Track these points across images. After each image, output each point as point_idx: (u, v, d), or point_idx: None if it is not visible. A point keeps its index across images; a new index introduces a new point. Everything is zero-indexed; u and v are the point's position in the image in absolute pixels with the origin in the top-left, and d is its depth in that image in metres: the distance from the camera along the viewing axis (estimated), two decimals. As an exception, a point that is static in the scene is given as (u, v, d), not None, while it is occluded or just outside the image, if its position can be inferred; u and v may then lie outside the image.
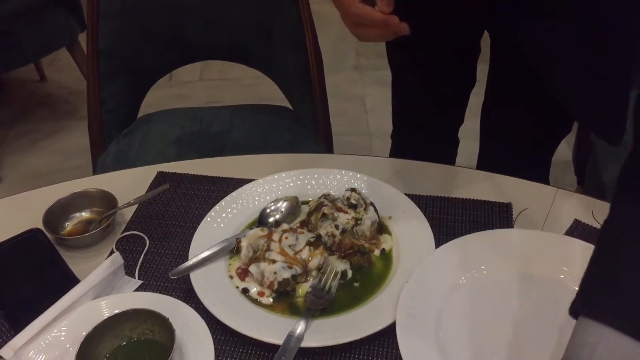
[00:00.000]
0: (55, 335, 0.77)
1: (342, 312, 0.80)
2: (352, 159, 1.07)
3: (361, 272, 0.86)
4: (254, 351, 0.77)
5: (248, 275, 0.85)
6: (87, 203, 0.97)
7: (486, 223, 0.93)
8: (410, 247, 0.87)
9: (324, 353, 0.77)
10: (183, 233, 0.94)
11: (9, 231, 0.93)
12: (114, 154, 1.43)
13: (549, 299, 0.79)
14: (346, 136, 2.29)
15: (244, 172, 1.05)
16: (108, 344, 0.75)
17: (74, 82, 2.75)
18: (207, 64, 2.83)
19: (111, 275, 0.84)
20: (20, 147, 2.47)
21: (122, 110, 1.53)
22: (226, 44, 1.53)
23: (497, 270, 0.82)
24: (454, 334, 0.75)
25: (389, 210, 0.93)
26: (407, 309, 0.77)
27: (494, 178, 1.02)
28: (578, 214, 0.93)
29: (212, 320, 0.79)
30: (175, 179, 1.04)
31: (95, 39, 1.41)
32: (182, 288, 0.85)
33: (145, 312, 0.76)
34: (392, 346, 0.77)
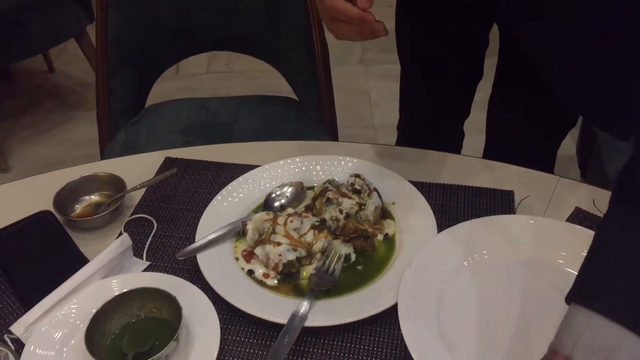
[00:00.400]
0: (65, 313, 0.79)
1: (345, 294, 0.82)
2: (357, 147, 1.09)
3: (364, 255, 0.87)
4: (258, 330, 0.79)
5: (253, 258, 0.87)
6: (96, 186, 0.99)
7: (488, 210, 0.94)
8: (413, 232, 0.89)
9: (327, 333, 0.78)
10: (190, 216, 0.96)
11: (20, 213, 0.95)
12: (121, 142, 1.45)
13: (548, 283, 0.80)
14: (351, 129, 2.30)
15: (250, 158, 1.06)
16: (117, 321, 0.77)
17: (82, 73, 2.77)
18: (213, 56, 2.85)
19: (120, 255, 0.86)
20: (29, 137, 2.50)
21: (130, 100, 1.55)
22: (233, 35, 1.55)
23: (498, 255, 0.84)
24: (454, 316, 0.77)
25: (393, 196, 0.95)
26: (409, 291, 0.78)
27: (497, 166, 1.03)
28: (579, 202, 0.95)
29: (218, 300, 0.81)
30: (183, 164, 1.06)
31: (104, 28, 1.42)
32: (189, 269, 0.87)
33: (153, 291, 0.77)
34: (393, 327, 0.79)
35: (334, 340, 0.78)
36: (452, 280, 0.81)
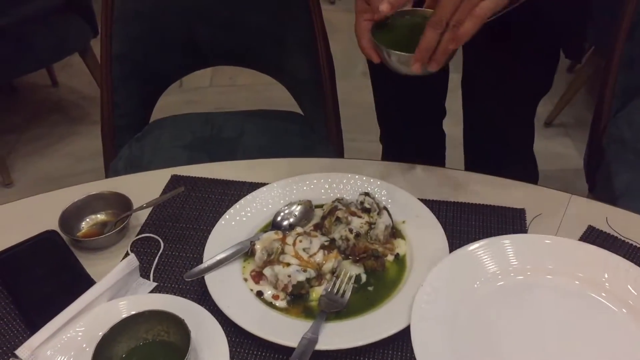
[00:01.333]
0: (71, 336, 0.77)
1: (356, 316, 0.80)
2: (364, 164, 1.07)
3: (375, 276, 0.86)
4: (268, 353, 0.78)
5: (262, 278, 0.86)
6: (102, 205, 0.98)
7: (499, 229, 0.93)
8: (424, 251, 0.88)
9: (338, 356, 0.77)
10: (197, 236, 0.94)
11: (25, 233, 0.93)
12: (126, 158, 1.44)
13: (564, 305, 0.79)
14: (356, 142, 2.29)
15: (257, 176, 1.05)
16: (124, 344, 0.75)
17: (85, 88, 2.77)
18: (217, 70, 2.84)
19: (126, 276, 0.85)
20: (32, 151, 2.49)
21: (135, 115, 1.55)
22: (238, 49, 1.54)
23: (511, 276, 0.82)
24: (468, 338, 0.75)
25: (403, 215, 0.94)
26: (422, 312, 0.77)
27: (507, 184, 1.02)
28: (592, 221, 0.93)
29: (227, 322, 0.79)
30: (189, 182, 1.05)
31: (109, 42, 1.42)
32: (197, 290, 0.86)
33: (161, 314, 0.76)
34: (406, 350, 0.77)
35: (345, 363, 0.76)
36: (465, 301, 0.79)
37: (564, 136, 2.42)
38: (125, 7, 1.42)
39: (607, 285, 0.80)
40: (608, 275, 0.80)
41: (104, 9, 1.39)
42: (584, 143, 1.92)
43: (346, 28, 2.69)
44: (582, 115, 2.50)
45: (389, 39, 0.84)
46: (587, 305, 0.78)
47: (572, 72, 2.63)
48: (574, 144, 2.38)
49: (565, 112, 2.46)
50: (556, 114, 2.45)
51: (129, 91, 1.49)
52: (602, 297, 0.79)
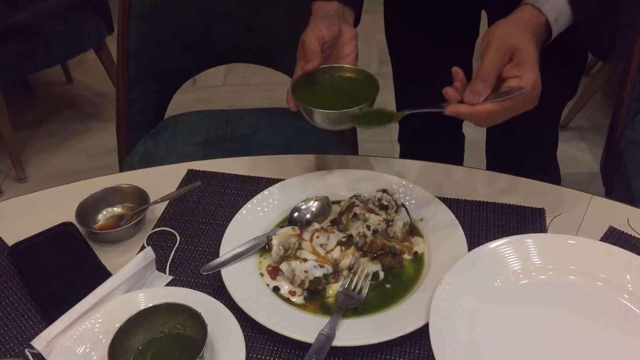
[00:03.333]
0: (88, 327, 0.77)
1: (374, 313, 0.79)
2: (380, 161, 1.07)
3: (393, 273, 0.85)
4: (284, 349, 0.77)
5: (279, 274, 0.85)
6: (119, 198, 0.98)
7: (519, 228, 0.92)
8: (443, 249, 0.87)
9: (355, 353, 0.76)
10: (213, 230, 0.94)
11: (41, 225, 0.93)
12: (141, 154, 1.44)
13: (586, 306, 0.78)
14: (369, 143, 2.29)
15: (273, 171, 1.05)
16: (140, 337, 0.75)
17: (100, 84, 2.79)
18: (230, 69, 2.85)
19: (143, 269, 0.85)
20: (46, 147, 2.50)
21: (150, 111, 1.55)
22: (254, 47, 1.54)
23: (533, 275, 0.81)
24: (487, 337, 0.74)
25: (421, 213, 0.93)
26: (441, 310, 0.76)
27: (527, 183, 1.01)
28: (613, 221, 0.92)
29: (243, 317, 0.79)
30: (205, 177, 1.04)
31: (125, 39, 1.42)
32: (212, 285, 0.85)
33: (177, 307, 0.76)
34: (424, 348, 0.76)
35: (362, 360, 0.76)
36: (484, 300, 0.78)
37: (579, 140, 2.40)
38: (142, 4, 1.42)
39: (629, 287, 0.78)
40: (630, 277, 0.79)
41: (122, 5, 1.40)
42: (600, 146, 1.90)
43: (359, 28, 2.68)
44: (597, 119, 2.48)
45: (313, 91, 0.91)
46: (609, 306, 0.77)
47: (588, 75, 2.61)
48: (589, 148, 2.36)
49: (581, 115, 2.44)
50: (571, 117, 2.43)
51: (145, 87, 1.49)
52: (624, 298, 0.78)
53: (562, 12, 0.82)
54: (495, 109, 0.77)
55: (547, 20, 0.81)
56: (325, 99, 0.89)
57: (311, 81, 0.91)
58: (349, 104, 0.86)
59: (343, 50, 0.95)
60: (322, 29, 0.91)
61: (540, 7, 0.81)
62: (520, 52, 0.78)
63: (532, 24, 0.81)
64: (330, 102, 0.88)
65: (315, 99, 0.88)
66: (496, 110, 0.78)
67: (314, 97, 0.89)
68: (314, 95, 0.90)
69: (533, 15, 0.82)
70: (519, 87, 0.76)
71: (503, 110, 0.78)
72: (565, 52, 1.14)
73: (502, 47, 0.78)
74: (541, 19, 0.81)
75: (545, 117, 1.30)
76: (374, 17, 1.40)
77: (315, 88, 0.91)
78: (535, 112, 1.24)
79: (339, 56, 0.95)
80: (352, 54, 0.95)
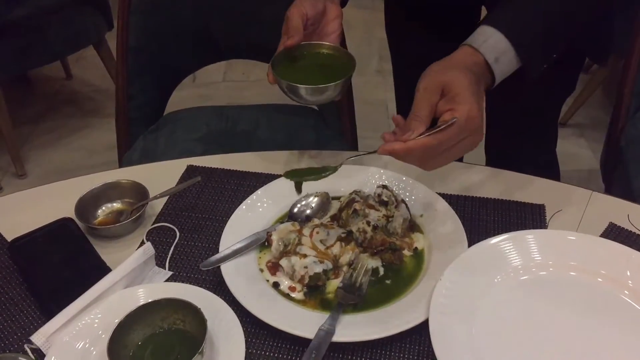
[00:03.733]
0: (87, 323, 0.77)
1: (373, 309, 0.79)
2: (380, 157, 1.06)
3: (393, 269, 0.85)
4: (284, 344, 0.77)
5: (278, 270, 0.85)
6: (118, 194, 0.97)
7: (519, 224, 0.92)
8: (443, 245, 0.86)
9: (354, 348, 0.76)
10: (213, 226, 0.94)
11: (41, 220, 0.93)
12: (140, 150, 1.44)
13: (586, 302, 0.78)
14: (368, 140, 2.28)
15: (273, 167, 1.05)
16: (140, 332, 0.75)
17: (99, 80, 2.78)
18: (230, 65, 2.84)
19: (142, 265, 0.84)
20: (46, 143, 2.50)
21: (149, 107, 1.54)
22: (254, 43, 1.54)
23: (533, 271, 0.81)
24: (487, 333, 0.74)
25: (421, 209, 0.93)
26: (441, 306, 0.76)
27: (526, 179, 1.00)
28: (613, 217, 0.92)
29: (242, 312, 0.79)
30: (205, 172, 1.04)
31: (125, 34, 1.42)
32: (212, 280, 0.85)
33: (177, 302, 0.75)
34: (423, 344, 0.76)
35: (362, 356, 0.75)
36: (484, 296, 0.78)
37: (579, 137, 2.40)
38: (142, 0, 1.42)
39: (629, 283, 0.78)
40: (631, 273, 0.79)
41: (121, 0, 1.39)
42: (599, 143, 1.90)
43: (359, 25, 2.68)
44: (597, 116, 2.48)
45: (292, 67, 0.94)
46: (609, 302, 0.77)
47: (588, 72, 2.61)
48: (588, 145, 2.36)
49: (580, 112, 2.44)
50: (571, 114, 2.43)
51: (144, 83, 1.49)
52: (624, 295, 0.77)
53: (502, 51, 0.79)
54: (428, 142, 0.74)
55: (485, 60, 0.79)
56: (304, 74, 0.92)
57: (291, 57, 0.94)
58: (326, 79, 0.89)
59: (327, 27, 0.96)
60: (306, 6, 0.92)
61: (478, 47, 0.79)
62: (450, 86, 0.75)
63: (467, 61, 0.79)
64: (308, 77, 0.90)
65: (293, 74, 0.91)
66: (431, 145, 0.74)
67: (292, 72, 0.92)
68: (293, 70, 0.93)
69: (467, 54, 0.80)
70: (451, 118, 0.73)
71: (438, 144, 0.74)
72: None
73: (431, 84, 0.76)
74: (478, 57, 0.79)
75: (544, 113, 1.30)
76: (375, 14, 1.40)
77: (295, 63, 0.95)
78: (533, 109, 1.25)
79: (323, 33, 0.96)
80: (336, 32, 0.96)
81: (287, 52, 0.94)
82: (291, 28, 0.91)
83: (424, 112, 0.76)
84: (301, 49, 0.95)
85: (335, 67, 0.93)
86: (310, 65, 0.95)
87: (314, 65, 0.94)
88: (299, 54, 0.95)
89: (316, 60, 0.95)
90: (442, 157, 0.77)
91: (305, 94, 0.90)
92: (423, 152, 0.75)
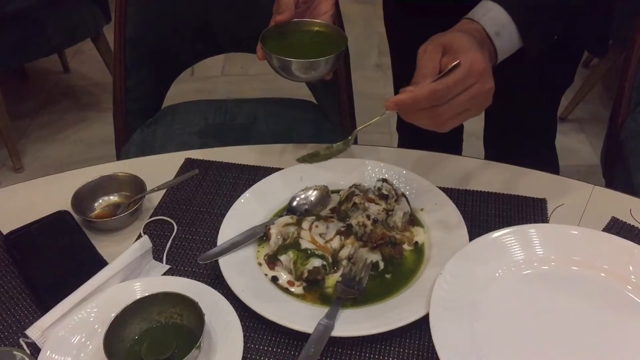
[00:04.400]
0: (83, 316, 0.76)
1: (373, 303, 0.78)
2: (381, 150, 1.05)
3: (393, 263, 0.84)
4: (282, 339, 0.76)
5: (277, 264, 0.84)
6: (115, 187, 0.96)
7: (520, 218, 0.91)
8: (443, 239, 0.86)
9: (354, 343, 0.75)
10: (211, 219, 0.93)
11: (37, 213, 0.92)
12: (138, 143, 1.43)
13: (589, 297, 0.77)
14: (368, 134, 2.27)
15: (272, 160, 1.04)
16: (136, 326, 0.74)
17: (97, 74, 2.77)
18: (229, 59, 2.83)
19: (139, 258, 0.83)
20: (43, 137, 2.49)
21: (147, 100, 1.53)
22: (253, 35, 1.51)
23: (535, 266, 0.80)
24: (488, 327, 0.73)
25: (421, 203, 0.92)
26: (441, 301, 0.75)
27: (527, 173, 0.99)
28: (615, 212, 0.91)
29: (240, 306, 0.78)
30: (203, 165, 1.03)
31: (122, 26, 1.40)
32: (210, 274, 0.84)
33: (174, 296, 0.75)
34: (424, 338, 0.75)
35: (362, 351, 0.75)
36: (485, 290, 0.77)
37: (579, 132, 2.39)
38: (140, -10, 1.41)
39: (632, 277, 0.77)
40: (633, 268, 0.78)
41: (119, -8, 1.38)
42: (599, 139, 1.90)
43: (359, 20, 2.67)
44: (597, 111, 2.47)
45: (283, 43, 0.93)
46: (611, 297, 0.76)
47: (588, 67, 2.60)
48: (588, 140, 2.35)
49: (581, 107, 2.43)
50: (571, 109, 2.42)
51: (142, 75, 1.47)
52: (627, 289, 0.77)
53: (503, 25, 0.79)
54: (435, 87, 0.71)
55: (485, 30, 0.78)
56: (294, 50, 0.90)
57: (282, 34, 0.93)
58: (317, 56, 0.88)
59: (320, 7, 0.95)
60: None
61: (479, 19, 0.79)
62: (451, 43, 0.74)
63: (467, 28, 0.78)
64: (298, 53, 0.89)
65: (284, 51, 0.90)
66: (437, 90, 0.71)
67: (283, 48, 0.91)
68: (284, 47, 0.92)
69: (466, 24, 0.80)
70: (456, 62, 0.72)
71: (444, 88, 0.71)
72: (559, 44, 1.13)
73: (431, 45, 0.75)
74: (477, 25, 0.79)
75: (543, 105, 1.29)
76: (374, 9, 1.39)
77: (286, 40, 0.93)
78: (532, 101, 1.24)
79: (315, 13, 0.95)
80: (329, 12, 0.95)
81: (278, 29, 0.93)
82: (282, 4, 0.90)
83: (428, 69, 0.74)
84: (292, 27, 0.94)
85: (326, 44, 0.92)
86: (301, 42, 0.93)
87: (305, 42, 0.93)
88: (290, 32, 0.94)
89: (307, 37, 0.94)
90: (451, 106, 0.73)
91: (295, 69, 0.89)
92: (431, 100, 0.72)
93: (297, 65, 0.88)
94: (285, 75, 0.91)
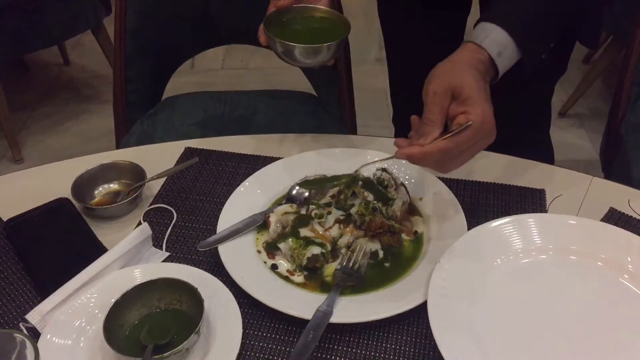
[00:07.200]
0: (83, 302, 0.77)
1: (372, 291, 0.79)
2: (380, 140, 1.06)
3: (392, 252, 0.84)
4: (281, 325, 0.77)
5: (277, 253, 0.84)
6: (115, 175, 0.97)
7: (519, 209, 0.91)
8: (442, 228, 0.86)
9: (352, 330, 0.76)
10: (210, 208, 0.93)
11: (37, 200, 0.92)
12: (138, 134, 1.43)
13: (586, 286, 0.77)
14: (368, 128, 2.27)
15: (271, 150, 1.04)
16: (136, 312, 0.75)
17: (97, 66, 2.76)
18: (229, 53, 2.83)
19: (139, 245, 0.84)
20: (43, 129, 2.48)
21: (147, 91, 1.53)
22: (254, 27, 1.51)
23: (534, 255, 0.80)
24: (486, 315, 0.74)
25: (420, 192, 0.92)
26: (439, 289, 0.75)
27: (527, 164, 1.00)
28: (613, 203, 0.91)
29: (239, 293, 0.78)
30: (203, 154, 1.03)
31: (123, 16, 1.40)
32: (209, 261, 0.85)
33: (174, 282, 0.75)
34: (421, 326, 0.76)
35: (360, 337, 0.75)
36: (483, 279, 0.77)
37: (579, 127, 2.39)
38: (141, -20, 1.40)
39: (630, 267, 0.78)
40: (631, 258, 0.78)
41: (120, -18, 1.37)
42: (599, 134, 1.90)
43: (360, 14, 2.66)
44: (597, 106, 2.47)
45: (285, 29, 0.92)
46: (609, 286, 0.77)
47: (588, 62, 2.60)
48: (588, 135, 2.35)
49: (580, 102, 2.43)
50: (571, 105, 2.42)
51: (142, 66, 1.47)
52: (624, 279, 0.77)
53: (504, 45, 0.80)
54: (445, 146, 0.73)
55: (490, 55, 0.79)
56: (297, 37, 0.90)
57: (284, 20, 0.93)
58: (319, 41, 0.88)
59: None
60: None
61: (480, 42, 0.80)
62: (460, 89, 0.75)
63: (473, 60, 0.79)
64: (301, 39, 0.89)
65: (287, 36, 0.90)
66: (447, 148, 0.74)
67: (286, 34, 0.91)
68: (287, 32, 0.91)
69: (473, 52, 0.80)
70: (466, 122, 0.74)
71: (455, 147, 0.74)
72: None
73: (440, 87, 0.76)
74: (483, 54, 0.79)
75: (536, 95, 1.29)
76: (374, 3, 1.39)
77: (288, 27, 0.93)
78: (525, 92, 1.24)
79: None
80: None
81: (280, 15, 0.93)
82: None
83: (437, 117, 0.76)
84: (294, 13, 0.94)
85: (329, 30, 0.92)
86: (304, 28, 0.93)
87: (308, 28, 0.93)
88: (292, 18, 0.94)
89: (310, 23, 0.94)
90: (458, 159, 0.77)
91: (299, 54, 0.89)
92: (440, 156, 0.75)
93: (301, 50, 0.88)
94: (288, 60, 0.91)
